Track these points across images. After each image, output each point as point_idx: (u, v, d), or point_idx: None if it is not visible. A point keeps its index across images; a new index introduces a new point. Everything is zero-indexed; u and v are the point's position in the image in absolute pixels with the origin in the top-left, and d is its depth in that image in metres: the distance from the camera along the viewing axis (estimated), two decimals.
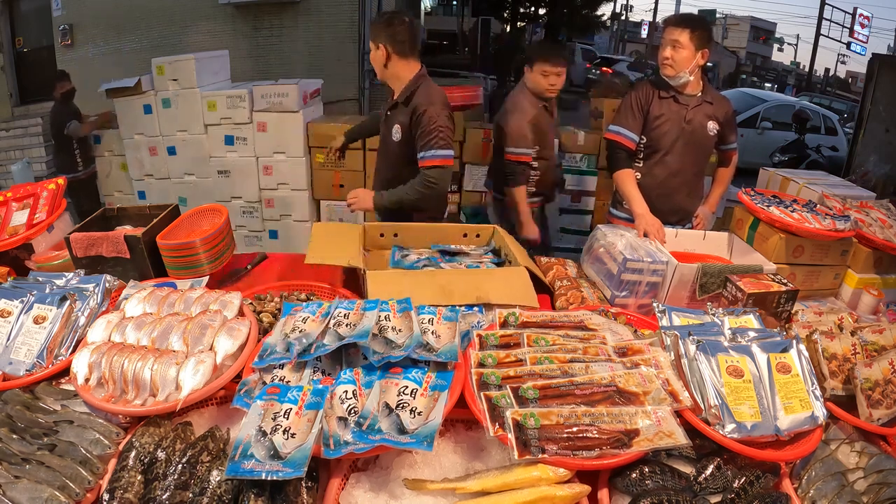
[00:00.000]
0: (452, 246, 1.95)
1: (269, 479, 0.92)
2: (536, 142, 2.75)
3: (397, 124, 2.15)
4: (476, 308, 1.45)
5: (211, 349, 1.22)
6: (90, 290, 1.44)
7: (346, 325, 1.23)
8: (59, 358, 1.29)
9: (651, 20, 27.27)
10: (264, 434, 0.99)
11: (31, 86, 8.02)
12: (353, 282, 1.73)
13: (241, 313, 1.36)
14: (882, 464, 1.15)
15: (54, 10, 7.33)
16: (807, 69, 24.40)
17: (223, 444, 1.08)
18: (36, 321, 1.32)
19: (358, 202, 2.22)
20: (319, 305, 1.32)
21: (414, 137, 2.09)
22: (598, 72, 16.14)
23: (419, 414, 1.06)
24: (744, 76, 25.36)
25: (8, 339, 1.30)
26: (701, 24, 2.17)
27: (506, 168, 2.76)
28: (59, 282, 1.49)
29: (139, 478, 1.01)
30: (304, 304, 1.36)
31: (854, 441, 1.21)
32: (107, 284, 1.47)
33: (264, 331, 1.39)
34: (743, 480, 1.05)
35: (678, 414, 1.10)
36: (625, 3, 27.83)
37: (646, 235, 1.91)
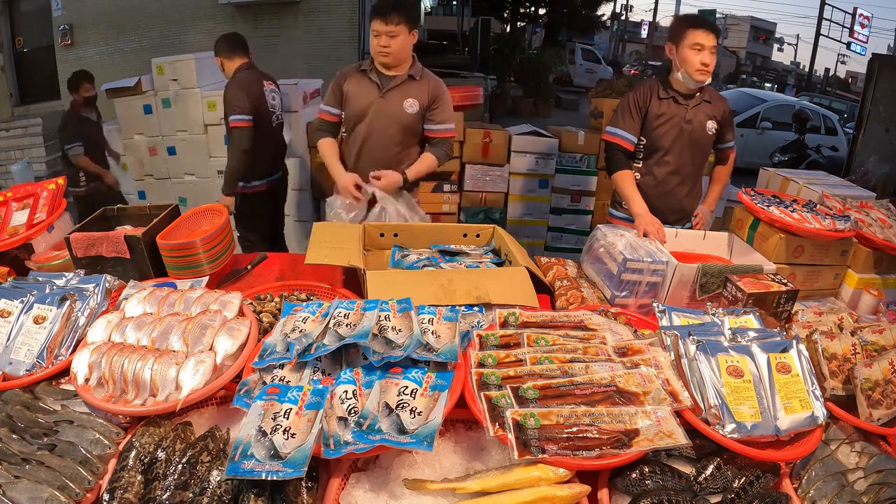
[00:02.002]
0: (452, 246, 1.95)
1: (269, 479, 0.92)
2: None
3: (412, 98, 2.27)
4: (476, 308, 1.45)
5: (211, 349, 1.22)
6: (90, 290, 1.44)
7: (346, 325, 1.23)
8: (59, 358, 1.29)
9: (651, 20, 27.26)
10: (264, 434, 0.99)
11: (31, 86, 8.04)
12: (353, 282, 1.73)
13: (241, 313, 1.36)
14: (882, 464, 1.15)
15: (54, 10, 7.34)
16: (807, 69, 24.41)
17: (223, 444, 1.08)
18: (36, 321, 1.32)
19: (387, 180, 2.23)
20: (319, 305, 1.32)
21: (428, 110, 2.31)
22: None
23: (419, 414, 1.06)
24: (744, 76, 25.37)
25: (8, 339, 1.30)
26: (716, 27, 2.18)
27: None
28: (59, 282, 1.49)
29: (139, 478, 1.01)
30: (304, 304, 1.36)
31: (854, 441, 1.22)
32: (107, 284, 1.47)
33: (264, 331, 1.39)
34: (743, 480, 1.05)
35: (678, 414, 1.10)
36: (625, 3, 27.85)
37: (646, 235, 1.91)
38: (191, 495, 0.97)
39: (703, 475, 1.06)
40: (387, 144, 2.31)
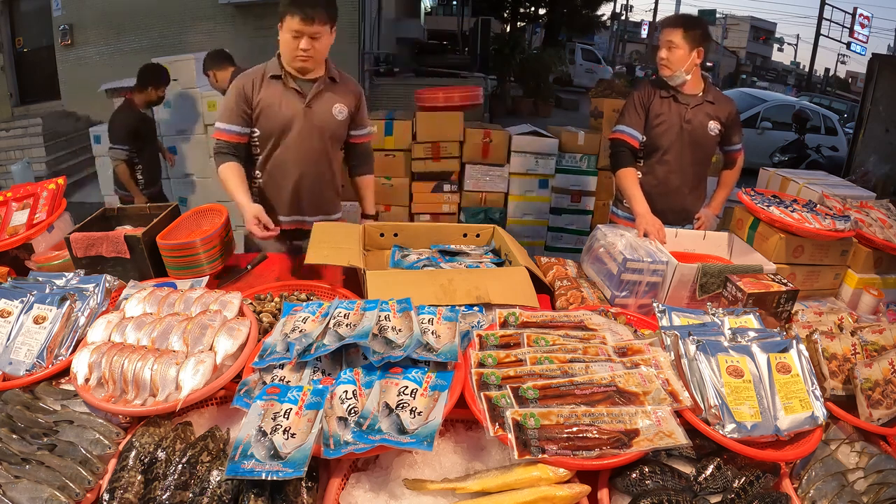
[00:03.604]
0: (452, 246, 1.95)
1: (269, 479, 0.92)
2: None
3: (340, 103, 2.02)
4: (476, 308, 1.45)
5: (211, 349, 1.22)
6: (90, 290, 1.44)
7: (346, 325, 1.23)
8: (59, 358, 1.29)
9: (651, 20, 27.27)
10: (264, 434, 0.99)
11: (31, 86, 8.04)
12: (353, 282, 1.73)
13: (241, 313, 1.36)
14: (882, 464, 1.15)
15: (54, 10, 7.35)
16: (807, 69, 24.41)
17: (223, 444, 1.08)
18: (36, 321, 1.32)
19: None
20: (319, 305, 1.32)
21: (356, 114, 2.10)
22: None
23: (419, 414, 1.06)
24: (744, 76, 25.37)
25: (8, 339, 1.30)
26: (694, 24, 2.18)
27: None
28: (59, 282, 1.49)
29: (139, 478, 1.01)
30: (304, 304, 1.36)
31: (854, 441, 1.22)
32: (107, 284, 1.47)
33: (264, 331, 1.39)
34: (743, 480, 1.05)
35: (678, 414, 1.10)
36: (625, 3, 27.89)
37: (646, 235, 1.91)
38: (191, 495, 0.97)
39: (703, 475, 1.05)
40: (318, 159, 2.04)
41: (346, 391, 1.08)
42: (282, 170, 2.02)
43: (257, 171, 2.05)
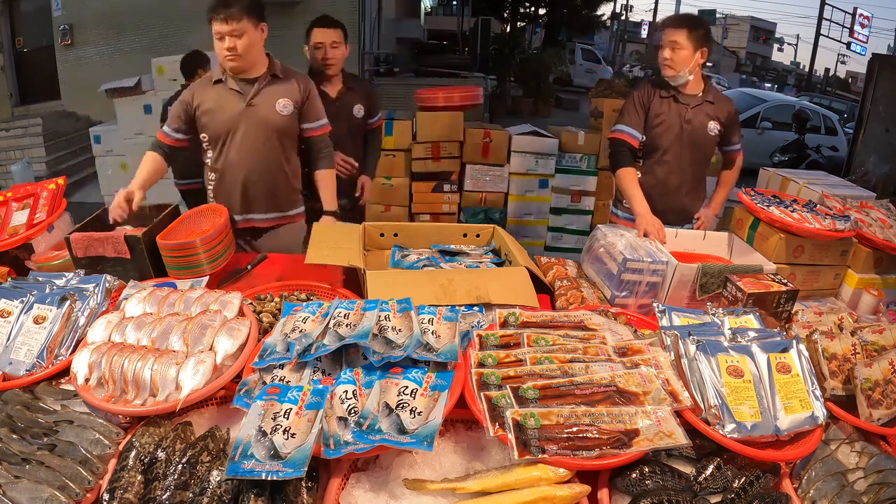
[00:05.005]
0: (452, 246, 1.95)
1: (269, 479, 0.92)
2: None
3: (284, 98, 2.03)
4: (476, 308, 1.45)
5: (211, 349, 1.22)
6: (90, 290, 1.44)
7: (346, 326, 1.23)
8: (59, 358, 1.29)
9: (651, 20, 27.28)
10: (264, 434, 0.99)
11: (31, 86, 8.04)
12: (353, 282, 1.73)
13: (241, 313, 1.36)
14: (882, 464, 1.15)
15: (54, 10, 7.35)
16: (807, 69, 24.41)
17: (223, 444, 1.08)
18: (36, 321, 1.32)
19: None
20: (319, 305, 1.32)
21: (302, 107, 2.10)
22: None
23: (419, 414, 1.06)
24: (744, 76, 25.37)
25: (8, 339, 1.30)
26: (698, 24, 2.18)
27: None
28: (59, 282, 1.49)
29: (139, 478, 1.01)
30: (304, 304, 1.36)
31: (854, 441, 1.22)
32: (107, 284, 1.47)
33: (264, 331, 1.39)
34: (743, 480, 1.05)
35: (678, 414, 1.10)
36: (625, 3, 27.86)
37: (646, 235, 1.91)
38: (191, 495, 0.96)
39: (703, 475, 1.05)
40: (267, 156, 2.05)
41: (346, 391, 1.08)
42: (230, 170, 2.06)
43: (210, 174, 2.10)
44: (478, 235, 2.00)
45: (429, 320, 1.28)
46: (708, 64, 2.34)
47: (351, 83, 2.63)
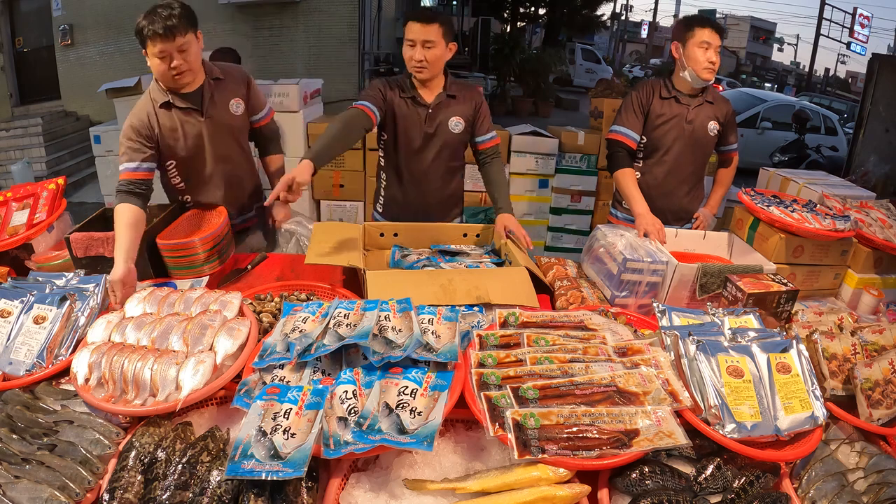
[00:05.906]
0: (452, 246, 1.95)
1: (269, 479, 0.92)
2: None
3: (234, 98, 1.97)
4: (476, 308, 1.45)
5: (211, 349, 1.22)
6: (90, 290, 1.44)
7: (346, 326, 1.23)
8: (59, 358, 1.29)
9: (651, 20, 27.29)
10: (264, 434, 0.99)
11: (31, 86, 8.03)
12: (353, 282, 1.73)
13: (241, 313, 1.36)
14: (882, 464, 1.15)
15: (54, 10, 7.34)
16: (807, 69, 24.42)
17: (223, 444, 1.08)
18: (36, 321, 1.32)
19: (286, 210, 2.12)
20: (319, 305, 1.32)
21: (248, 101, 2.04)
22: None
23: (419, 414, 1.06)
24: (744, 76, 25.38)
25: (8, 339, 1.30)
26: (722, 28, 2.18)
27: None
28: (59, 282, 1.49)
29: (139, 478, 1.01)
30: (304, 304, 1.36)
31: (854, 441, 1.22)
32: (107, 284, 1.47)
33: (264, 331, 1.39)
34: (743, 480, 1.05)
35: (678, 414, 1.10)
36: (625, 3, 27.83)
37: (646, 235, 1.91)
38: (191, 495, 0.97)
39: (703, 475, 1.05)
40: (234, 160, 2.03)
41: (346, 391, 1.08)
42: (206, 187, 2.00)
43: (187, 197, 2.01)
44: (478, 235, 2.01)
45: (429, 320, 1.28)
46: None
47: (453, 89, 2.18)
